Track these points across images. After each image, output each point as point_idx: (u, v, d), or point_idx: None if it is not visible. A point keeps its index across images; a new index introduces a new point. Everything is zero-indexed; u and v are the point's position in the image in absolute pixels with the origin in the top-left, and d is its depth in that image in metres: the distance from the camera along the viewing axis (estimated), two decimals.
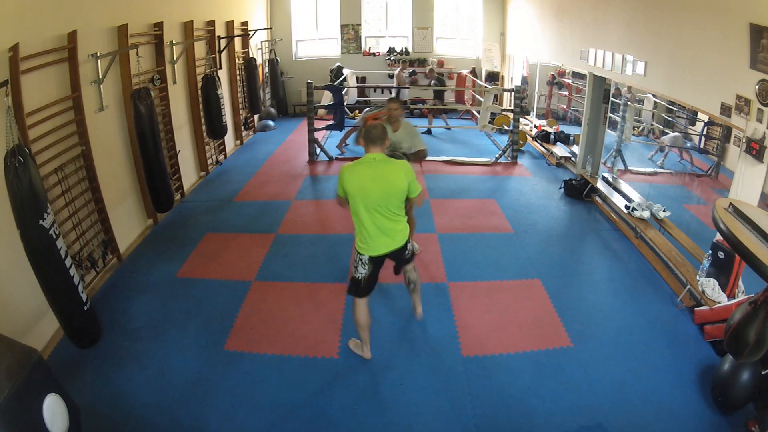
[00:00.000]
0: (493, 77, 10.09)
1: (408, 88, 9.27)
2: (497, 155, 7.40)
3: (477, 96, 9.41)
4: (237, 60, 7.98)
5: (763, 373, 2.66)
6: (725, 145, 5.96)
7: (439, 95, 9.46)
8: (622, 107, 6.49)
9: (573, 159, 6.85)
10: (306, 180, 6.59)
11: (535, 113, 9.21)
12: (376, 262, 2.91)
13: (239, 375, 3.03)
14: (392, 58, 10.54)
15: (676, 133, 6.99)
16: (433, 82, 9.25)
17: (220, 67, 6.92)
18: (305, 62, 10.66)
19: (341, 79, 8.87)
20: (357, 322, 3.06)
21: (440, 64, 10.57)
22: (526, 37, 9.06)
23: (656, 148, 7.22)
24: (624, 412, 2.76)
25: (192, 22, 5.95)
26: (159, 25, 5.08)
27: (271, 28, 10.08)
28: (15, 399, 1.70)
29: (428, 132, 9.03)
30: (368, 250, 2.86)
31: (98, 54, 4.00)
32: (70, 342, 3.09)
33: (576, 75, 8.03)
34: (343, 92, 7.75)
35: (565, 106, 9.02)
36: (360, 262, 2.91)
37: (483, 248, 4.64)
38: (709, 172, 6.23)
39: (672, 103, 6.63)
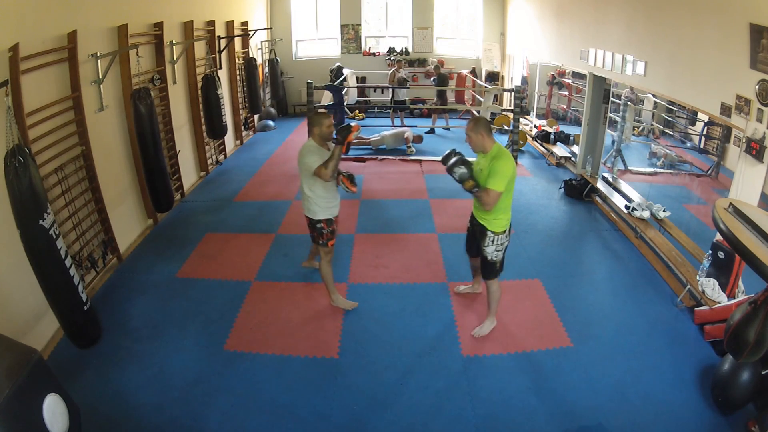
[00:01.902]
0: (493, 77, 10.08)
1: (407, 87, 9.25)
2: None
3: (477, 96, 9.41)
4: (237, 60, 7.98)
5: (763, 373, 2.67)
6: (725, 145, 5.96)
7: (441, 94, 9.41)
8: (622, 107, 6.49)
9: (573, 159, 6.85)
10: None
11: (535, 113, 9.21)
12: None
13: (239, 375, 3.03)
14: (392, 58, 10.54)
15: (669, 152, 6.92)
16: (433, 79, 9.21)
17: (220, 67, 6.92)
18: (305, 62, 10.66)
19: (341, 79, 8.86)
20: (499, 300, 3.39)
21: (440, 64, 10.57)
22: (526, 37, 9.06)
23: (651, 151, 7.20)
24: (624, 412, 2.76)
25: (192, 22, 5.95)
26: (159, 25, 5.08)
27: (271, 28, 10.09)
28: (15, 399, 1.71)
29: (431, 131, 9.02)
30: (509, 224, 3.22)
31: (98, 54, 4.00)
32: (70, 342, 3.09)
33: (576, 75, 8.03)
34: (343, 92, 7.75)
35: (565, 106, 9.02)
36: (507, 240, 3.22)
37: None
38: (709, 172, 6.23)
39: (672, 103, 6.63)
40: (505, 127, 8.36)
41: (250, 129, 8.98)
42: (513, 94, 7.44)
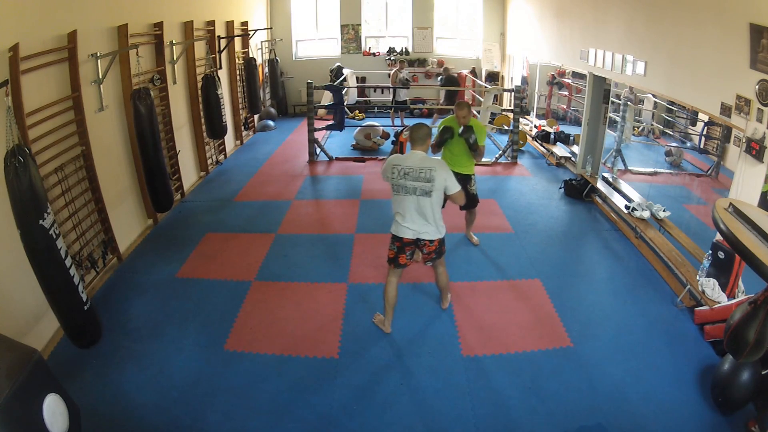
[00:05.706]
0: (493, 77, 10.08)
1: (407, 88, 9.24)
2: (497, 155, 7.40)
3: (477, 96, 9.40)
4: (237, 60, 7.98)
5: (763, 373, 2.67)
6: (725, 145, 5.96)
7: (450, 96, 8.75)
8: (622, 107, 6.49)
9: (573, 159, 6.85)
10: (306, 180, 6.59)
11: (535, 113, 9.21)
12: None
13: (239, 375, 3.03)
14: (392, 58, 10.54)
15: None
16: (440, 79, 9.03)
17: (220, 67, 6.92)
18: (305, 62, 10.66)
19: (341, 79, 8.86)
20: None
21: (440, 64, 10.57)
22: (526, 37, 9.06)
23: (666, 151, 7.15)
24: (624, 412, 2.76)
25: (192, 22, 5.95)
26: (159, 25, 5.08)
27: (271, 28, 10.08)
28: (15, 399, 1.70)
29: None
30: None
31: (98, 54, 4.00)
32: (70, 342, 3.09)
33: (576, 75, 8.03)
34: (343, 92, 7.75)
35: (565, 106, 9.02)
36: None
37: (483, 248, 4.64)
38: (709, 172, 6.23)
39: (672, 103, 6.62)
40: (505, 127, 8.36)
41: (250, 129, 8.98)
42: (513, 94, 7.45)
